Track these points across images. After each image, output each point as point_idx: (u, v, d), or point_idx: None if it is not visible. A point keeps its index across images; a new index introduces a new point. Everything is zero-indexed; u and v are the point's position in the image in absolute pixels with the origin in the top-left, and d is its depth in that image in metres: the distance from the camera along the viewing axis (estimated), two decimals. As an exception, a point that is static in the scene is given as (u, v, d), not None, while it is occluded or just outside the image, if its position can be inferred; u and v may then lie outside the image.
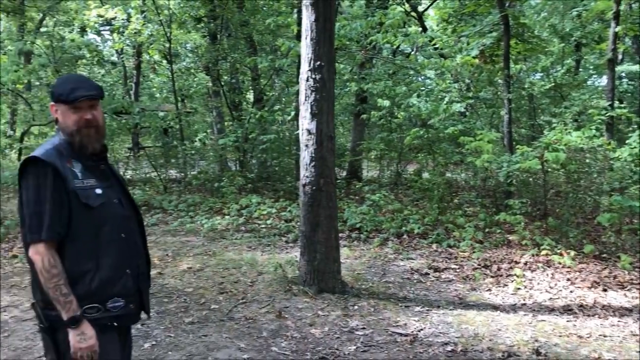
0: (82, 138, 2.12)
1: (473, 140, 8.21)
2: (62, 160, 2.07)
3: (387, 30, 9.09)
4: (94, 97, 2.14)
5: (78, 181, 2.07)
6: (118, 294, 2.13)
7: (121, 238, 2.17)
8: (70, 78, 2.25)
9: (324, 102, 5.30)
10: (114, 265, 2.12)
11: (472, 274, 6.07)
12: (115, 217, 2.16)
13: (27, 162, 2.04)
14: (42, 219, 1.99)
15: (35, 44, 15.03)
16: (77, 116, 2.11)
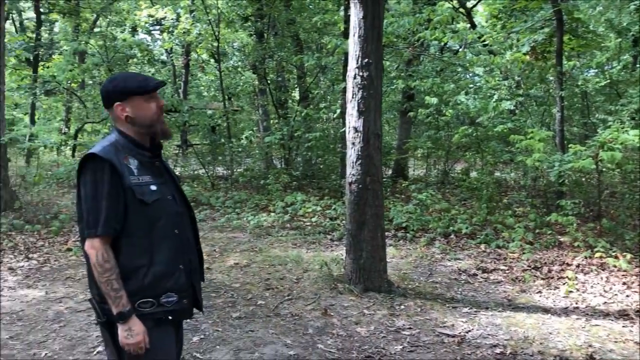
0: (163, 125, 2.23)
1: (523, 139, 8.00)
2: (118, 156, 2.10)
3: (435, 27, 8.95)
4: (165, 84, 2.28)
5: (134, 177, 2.10)
6: (171, 289, 2.16)
7: (175, 234, 2.20)
8: (127, 74, 2.31)
9: (371, 99, 5.26)
10: (168, 261, 2.15)
11: (521, 276, 5.92)
12: (169, 213, 2.19)
13: (86, 159, 2.08)
14: (98, 215, 2.03)
15: (89, 43, 15.51)
16: (154, 104, 2.20)
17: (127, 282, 2.06)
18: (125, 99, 2.17)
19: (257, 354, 3.99)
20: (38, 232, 8.01)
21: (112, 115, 2.23)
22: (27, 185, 10.33)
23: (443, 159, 12.60)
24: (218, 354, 4.00)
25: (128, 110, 2.17)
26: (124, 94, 2.17)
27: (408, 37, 10.31)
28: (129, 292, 2.05)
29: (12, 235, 7.79)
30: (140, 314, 2.08)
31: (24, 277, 6.04)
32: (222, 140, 14.05)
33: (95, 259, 2.01)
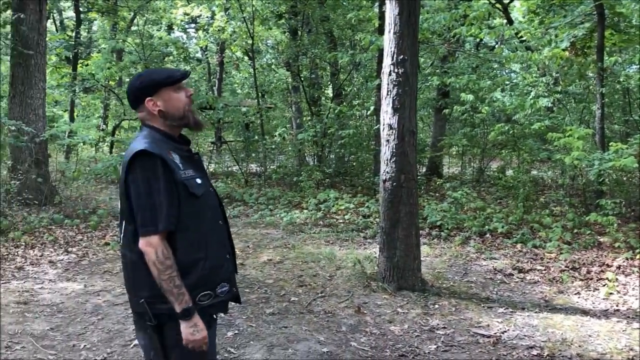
0: (192, 115, 2.20)
1: (562, 137, 7.82)
2: (164, 151, 2.07)
3: (471, 23, 8.82)
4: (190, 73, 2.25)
5: (182, 172, 2.07)
6: (224, 278, 2.18)
7: (219, 225, 2.23)
8: (151, 70, 2.29)
9: (406, 96, 5.22)
10: (218, 252, 2.18)
11: (559, 276, 5.80)
12: (213, 206, 2.22)
13: (136, 156, 2.02)
14: (156, 211, 1.98)
15: (126, 42, 15.80)
16: (183, 93, 2.17)
17: (187, 277, 2.03)
18: (155, 93, 2.14)
19: (291, 350, 4.00)
20: (77, 227, 8.19)
21: (142, 113, 2.18)
22: (67, 181, 10.60)
23: (478, 157, 12.43)
24: (252, 349, 4.03)
25: (160, 104, 2.14)
26: (153, 88, 2.14)
27: (443, 34, 10.20)
28: (189, 286, 2.02)
29: (52, 229, 7.99)
30: (200, 307, 2.07)
31: (63, 270, 6.19)
32: (255, 137, 14.15)
33: (155, 257, 1.96)
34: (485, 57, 12.65)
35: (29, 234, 7.57)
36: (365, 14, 11.69)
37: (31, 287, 5.53)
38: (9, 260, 6.45)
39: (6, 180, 9.23)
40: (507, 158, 10.94)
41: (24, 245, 7.07)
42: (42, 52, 9.72)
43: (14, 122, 8.86)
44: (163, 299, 2.01)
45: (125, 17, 19.00)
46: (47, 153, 10.14)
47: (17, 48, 9.26)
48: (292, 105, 16.87)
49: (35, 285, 5.60)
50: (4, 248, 6.90)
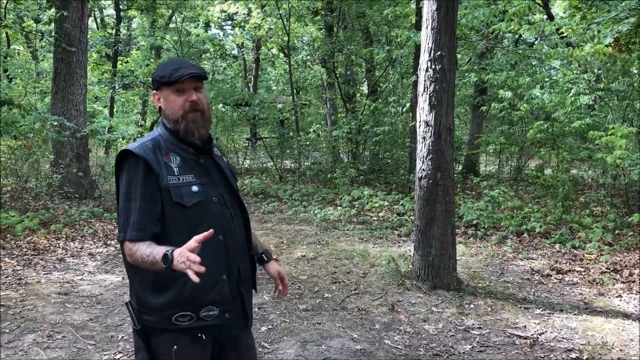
0: (188, 124, 1.93)
1: (604, 135, 7.61)
2: (158, 154, 1.91)
3: (511, 19, 8.64)
4: (198, 75, 1.94)
5: (173, 177, 1.88)
6: (212, 301, 1.92)
7: (219, 240, 1.93)
8: (172, 61, 2.05)
9: (443, 93, 5.15)
10: (209, 270, 1.79)
11: (599, 278, 5.65)
12: (213, 217, 1.93)
13: (121, 156, 1.92)
14: (129, 217, 1.85)
15: (164, 39, 16.04)
16: (182, 99, 1.92)
17: (163, 293, 1.88)
18: (159, 89, 1.99)
19: (324, 347, 4.00)
20: (116, 220, 8.37)
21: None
22: (106, 175, 10.84)
23: (516, 155, 12.20)
24: (285, 344, 4.04)
25: (161, 101, 1.99)
26: (156, 83, 1.99)
27: (482, 30, 10.03)
28: (165, 304, 1.88)
29: (92, 222, 8.18)
30: (178, 328, 1.90)
31: (102, 262, 6.33)
32: (290, 134, 14.21)
33: (130, 259, 1.84)
34: (525, 53, 12.40)
35: (70, 227, 7.77)
36: (402, 10, 11.56)
37: (72, 278, 5.67)
38: (51, 252, 6.63)
39: (48, 174, 9.49)
40: (545, 157, 10.70)
41: (65, 238, 7.26)
42: (83, 49, 9.95)
43: (57, 118, 9.11)
44: (146, 310, 1.92)
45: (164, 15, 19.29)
46: (88, 148, 10.39)
47: (61, 45, 9.50)
48: (327, 102, 16.88)
49: (75, 276, 5.75)
50: (46, 240, 7.10)
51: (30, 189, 9.21)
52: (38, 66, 18.09)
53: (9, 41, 19.11)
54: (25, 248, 6.70)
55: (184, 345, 1.92)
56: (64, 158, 9.46)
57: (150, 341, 1.94)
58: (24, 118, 9.05)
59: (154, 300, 1.90)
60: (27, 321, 4.44)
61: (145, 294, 1.91)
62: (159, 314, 1.90)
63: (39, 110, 10.27)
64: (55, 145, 9.63)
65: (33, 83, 15.15)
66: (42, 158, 9.80)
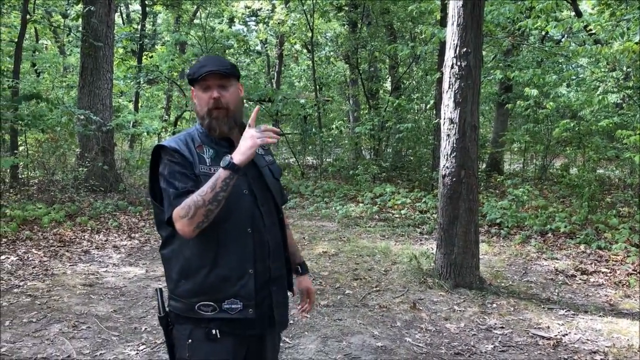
0: (212, 120, 1.95)
1: (632, 135, 7.47)
2: (190, 145, 1.94)
3: (538, 15, 8.52)
4: (220, 72, 1.94)
5: (205, 167, 1.90)
6: (236, 294, 1.90)
7: (247, 233, 1.93)
8: (205, 58, 2.09)
9: (468, 90, 5.10)
10: (235, 263, 1.90)
11: (625, 280, 5.55)
12: (242, 211, 1.92)
13: (155, 151, 1.96)
14: (170, 195, 1.85)
15: (189, 34, 16.14)
16: (207, 95, 1.94)
17: (186, 281, 1.90)
18: (192, 86, 2.01)
19: (345, 343, 4.01)
20: (140, 213, 8.47)
21: None
22: (131, 169, 10.98)
23: (541, 154, 12.04)
24: (306, 340, 4.05)
25: (195, 99, 2.03)
26: (190, 81, 2.01)
27: (508, 26, 9.91)
28: (188, 291, 1.90)
29: (116, 215, 8.30)
30: (201, 317, 1.89)
31: (126, 255, 6.42)
32: (312, 130, 14.22)
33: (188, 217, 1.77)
34: (551, 50, 12.22)
35: (95, 219, 7.89)
36: (427, 6, 11.48)
37: (96, 270, 5.76)
38: (76, 244, 6.74)
39: (75, 167, 9.64)
40: (571, 156, 10.55)
41: (90, 230, 7.37)
42: (110, 44, 10.08)
43: (83, 112, 9.24)
44: (174, 295, 1.94)
45: (189, 10, 19.42)
46: (113, 142, 10.53)
47: (88, 40, 9.63)
48: (350, 99, 16.85)
49: (100, 268, 5.84)
50: (72, 232, 7.22)
51: (56, 181, 9.37)
52: (65, 61, 18.38)
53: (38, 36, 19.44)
54: (52, 240, 6.83)
55: (197, 341, 1.91)
56: (89, 151, 9.60)
57: (172, 330, 1.97)
58: (51, 112, 9.20)
59: (182, 286, 1.92)
60: (53, 311, 4.52)
61: (176, 278, 1.94)
62: (184, 300, 1.92)
63: (65, 104, 10.43)
64: (81, 138, 9.78)
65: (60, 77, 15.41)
66: (68, 151, 9.97)
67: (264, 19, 17.58)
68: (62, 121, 9.58)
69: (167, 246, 1.98)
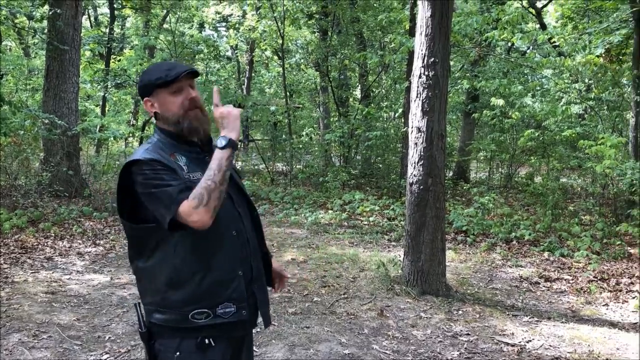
0: (191, 121, 1.91)
1: (593, 145, 7.68)
2: (164, 155, 1.87)
3: (504, 27, 8.72)
4: (194, 72, 1.93)
5: (185, 174, 1.85)
6: (229, 298, 1.90)
7: (232, 236, 1.94)
8: (160, 64, 2.03)
9: (436, 99, 5.18)
10: (226, 266, 1.90)
11: (587, 287, 5.69)
12: (226, 213, 1.90)
13: (130, 165, 1.84)
14: (169, 192, 1.76)
15: (158, 39, 15.99)
16: (181, 98, 1.90)
17: (180, 290, 1.85)
18: (151, 93, 1.94)
19: (312, 351, 4.00)
20: (105, 220, 8.32)
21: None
22: (97, 174, 10.77)
23: (507, 163, 12.27)
24: (273, 348, 4.04)
25: (156, 105, 1.94)
26: (149, 88, 1.94)
27: (475, 37, 10.10)
28: (181, 301, 1.85)
29: (81, 221, 8.13)
30: (193, 326, 1.85)
31: (91, 262, 6.29)
32: (282, 137, 14.21)
33: (203, 203, 1.73)
34: (517, 61, 12.50)
35: (59, 225, 7.72)
36: (396, 16, 11.63)
37: (59, 277, 5.63)
38: (39, 251, 6.59)
39: (38, 172, 9.43)
40: (536, 164, 10.78)
41: (54, 236, 7.21)
42: (76, 47, 9.90)
43: (48, 115, 9.04)
44: (161, 308, 1.88)
45: (158, 15, 19.23)
46: (79, 146, 10.33)
47: (53, 43, 9.45)
48: (320, 106, 16.89)
49: (63, 275, 5.71)
50: (34, 238, 7.05)
51: (19, 186, 9.14)
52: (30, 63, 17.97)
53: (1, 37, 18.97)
54: (13, 246, 6.65)
55: (186, 353, 1.86)
56: (54, 156, 9.40)
57: (154, 345, 1.91)
58: (15, 115, 8.98)
59: (172, 296, 1.86)
60: (12, 320, 4.40)
61: (164, 289, 1.87)
62: (176, 311, 1.86)
63: (30, 108, 10.19)
64: (45, 143, 9.56)
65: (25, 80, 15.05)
66: (32, 156, 9.73)
67: (235, 25, 17.50)
68: (25, 125, 9.35)
69: (148, 259, 1.90)
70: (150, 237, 1.87)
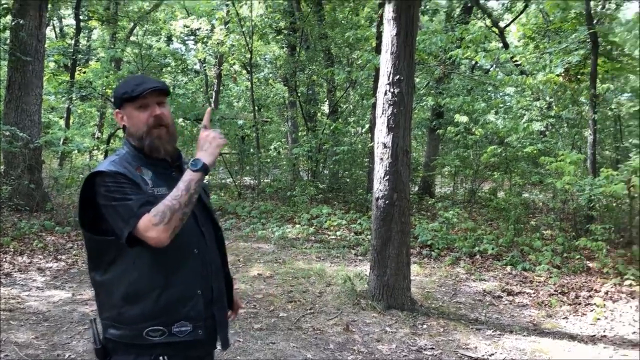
0: (153, 139, 1.90)
1: (554, 161, 7.90)
2: (129, 168, 1.87)
3: (467, 46, 8.94)
4: (161, 89, 1.92)
5: (149, 189, 1.84)
6: (186, 316, 1.87)
7: (194, 254, 1.92)
8: (133, 76, 2.05)
9: (401, 116, 5.27)
10: (184, 284, 1.88)
11: (548, 300, 5.82)
12: (188, 230, 1.88)
13: (93, 177, 1.82)
14: (129, 205, 1.75)
15: (125, 51, 15.84)
16: (146, 114, 1.89)
17: (135, 305, 1.82)
18: (121, 106, 1.94)
19: (278, 366, 3.99)
20: (68, 234, 8.16)
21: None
22: (59, 188, 10.55)
23: (471, 178, 12.49)
24: (239, 364, 4.01)
25: (125, 119, 1.95)
26: (118, 100, 1.95)
27: (440, 55, 10.32)
28: (136, 316, 1.82)
29: (42, 236, 7.95)
30: (148, 343, 1.82)
31: (52, 277, 6.16)
32: (250, 151, 14.19)
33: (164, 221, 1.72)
34: (480, 79, 12.80)
35: (18, 240, 7.53)
36: (363, 34, 11.81)
37: (18, 294, 5.49)
38: (-2, 266, 6.41)
39: (-2, 185, 9.20)
40: (499, 180, 11.01)
41: (13, 252, 7.03)
42: (40, 59, 9.74)
43: (8, 127, 8.86)
44: (116, 323, 1.85)
45: (125, 27, 19.08)
46: (41, 159, 10.12)
47: (15, 54, 9.28)
48: (288, 120, 16.95)
49: (22, 292, 5.57)
50: (-7, 253, 6.86)
51: (-23, 200, 8.90)
52: (-9, 74, 17.56)
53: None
54: (-30, 262, 6.47)
55: None
56: (15, 169, 9.19)
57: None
58: (-26, 127, 8.77)
59: (128, 312, 1.84)
60: (-31, 338, 4.28)
61: (120, 304, 1.85)
62: (131, 327, 1.84)
63: (-10, 120, 9.96)
64: (6, 155, 9.34)
65: (-15, 91, 14.68)
66: (-9, 169, 9.50)
67: (203, 39, 17.47)
68: (-15, 137, 9.15)
69: (106, 272, 1.88)
70: (109, 250, 1.85)
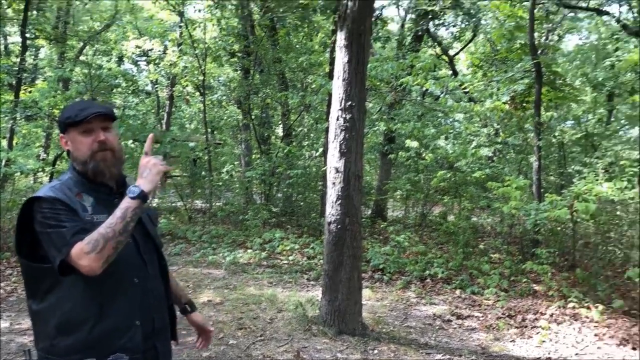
0: (98, 163, 1.88)
1: (501, 186, 8.12)
2: (69, 194, 1.84)
3: (417, 73, 9.16)
4: (105, 114, 1.91)
5: (88, 215, 1.82)
6: (122, 348, 1.82)
7: (134, 283, 1.89)
8: (78, 102, 2.05)
9: (353, 141, 5.32)
10: (121, 315, 1.83)
11: (495, 324, 5.92)
12: (128, 259, 1.86)
13: (30, 202, 1.80)
14: (63, 233, 1.73)
15: (74, 71, 15.49)
16: (90, 139, 1.88)
17: (70, 336, 1.78)
18: (65, 131, 1.92)
19: (226, 396, 3.90)
20: (7, 260, 7.83)
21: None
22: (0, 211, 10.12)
23: (421, 202, 12.69)
24: (186, 394, 3.90)
25: (69, 144, 1.93)
26: (62, 125, 1.93)
27: (391, 82, 10.52)
28: (68, 347, 1.78)
29: (-20, 261, 7.60)
30: None
31: (-11, 306, 5.87)
32: (202, 173, 14.02)
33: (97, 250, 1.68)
34: (430, 106, 13.11)
35: (-46, 267, 7.17)
36: (317, 59, 11.95)
37: (-48, 324, 5.21)
38: None
39: None
40: (448, 204, 11.22)
41: (-52, 279, 6.68)
42: (-18, 77, 9.41)
43: (-53, 148, 8.48)
44: (49, 355, 1.81)
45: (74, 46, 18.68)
46: (-19, 181, 9.71)
47: (-44, 72, 8.95)
48: (242, 143, 16.87)
49: (-44, 322, 5.28)
50: None
51: None
52: None
53: None
54: None
55: None
56: (-48, 192, 8.78)
57: None
58: None
59: (61, 342, 1.79)
60: None
61: (53, 334, 1.80)
62: (63, 358, 1.79)
63: None
64: (-57, 177, 8.94)
65: None
66: None
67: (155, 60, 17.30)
68: None
69: (42, 301, 1.83)
70: (46, 278, 1.81)
